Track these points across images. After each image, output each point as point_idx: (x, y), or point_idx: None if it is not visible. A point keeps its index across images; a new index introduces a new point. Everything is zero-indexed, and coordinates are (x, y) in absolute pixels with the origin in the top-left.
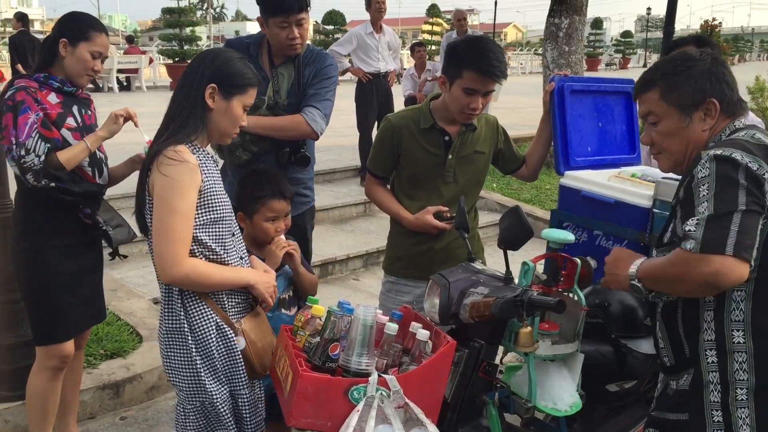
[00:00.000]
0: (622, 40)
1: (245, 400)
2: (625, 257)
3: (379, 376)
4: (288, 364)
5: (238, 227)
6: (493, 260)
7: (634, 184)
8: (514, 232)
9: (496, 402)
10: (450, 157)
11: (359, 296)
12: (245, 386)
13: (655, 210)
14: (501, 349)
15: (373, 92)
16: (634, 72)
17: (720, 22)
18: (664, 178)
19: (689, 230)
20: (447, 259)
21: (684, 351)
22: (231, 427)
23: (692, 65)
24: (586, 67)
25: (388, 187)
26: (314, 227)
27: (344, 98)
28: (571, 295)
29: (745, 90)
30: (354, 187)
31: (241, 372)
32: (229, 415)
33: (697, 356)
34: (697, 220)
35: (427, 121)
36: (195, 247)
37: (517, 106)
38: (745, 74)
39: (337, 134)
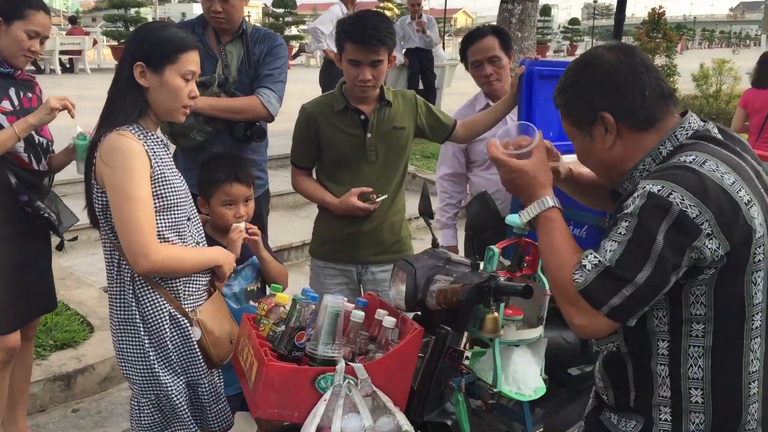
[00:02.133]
0: (570, 27)
1: (205, 389)
2: (529, 177)
3: (346, 364)
4: (252, 354)
5: (195, 211)
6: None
7: None
8: (482, 218)
9: (462, 388)
10: (369, 135)
11: None
12: (204, 375)
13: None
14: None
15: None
16: None
17: (664, 11)
18: None
19: (585, 264)
20: (375, 242)
21: (629, 398)
22: (188, 420)
23: (581, 77)
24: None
25: (314, 175)
26: (269, 213)
27: (297, 82)
28: (534, 280)
29: (689, 77)
30: None
31: (199, 362)
32: (185, 407)
33: (646, 408)
34: (597, 261)
35: (340, 103)
36: None
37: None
38: (688, 62)
39: (291, 119)
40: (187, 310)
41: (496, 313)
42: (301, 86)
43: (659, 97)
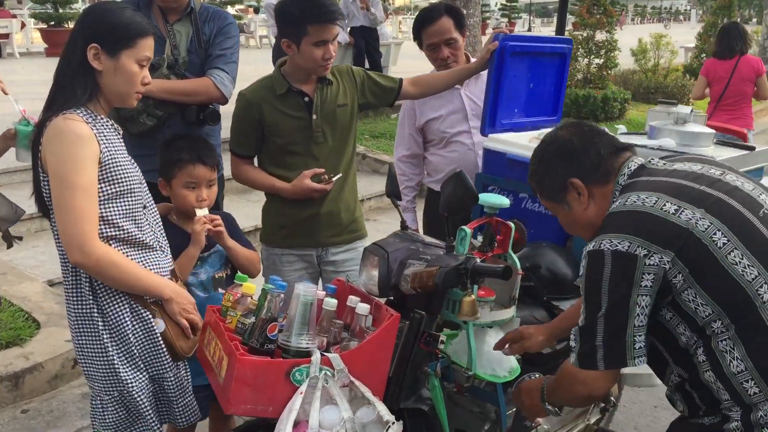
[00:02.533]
0: (507, 4)
1: (171, 383)
2: (532, 388)
3: (321, 355)
4: (221, 348)
5: (151, 199)
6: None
7: None
8: (458, 197)
9: (438, 373)
10: (315, 117)
11: None
12: (169, 369)
13: None
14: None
15: None
16: None
17: None
18: None
19: (571, 344)
20: (332, 223)
21: (701, 413)
22: (150, 419)
23: (543, 157)
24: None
25: (255, 163)
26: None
27: (248, 64)
28: (505, 259)
29: (628, 53)
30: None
31: (163, 355)
32: (147, 405)
33: (720, 417)
34: (575, 332)
35: (281, 87)
36: (102, 227)
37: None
38: (626, 37)
39: None
40: (148, 301)
41: (473, 296)
42: (252, 67)
43: (613, 153)
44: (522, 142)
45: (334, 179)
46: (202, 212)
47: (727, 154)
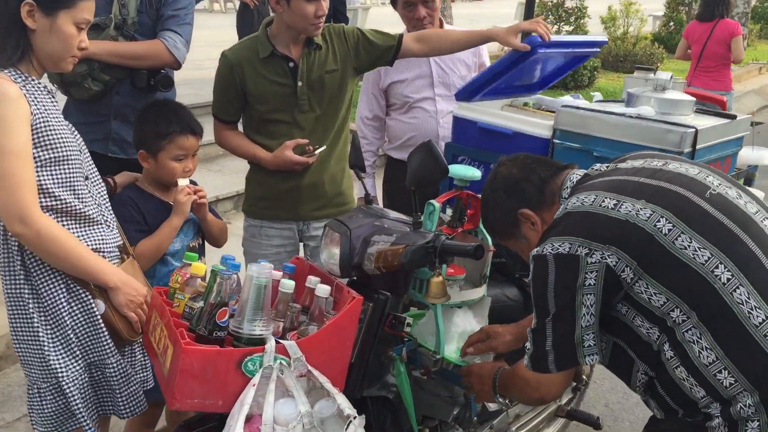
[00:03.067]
0: None
1: (113, 370)
2: (486, 372)
3: (276, 342)
4: (165, 335)
5: (95, 170)
6: None
7: (530, 113)
8: (426, 169)
9: (404, 357)
10: (300, 84)
11: (232, 240)
12: (112, 354)
13: (555, 141)
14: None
15: (259, 21)
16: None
17: None
18: (564, 106)
19: (525, 345)
20: (316, 196)
21: (679, 416)
22: (80, 413)
23: (489, 199)
24: None
25: (240, 128)
26: None
27: (210, 29)
28: (476, 235)
29: (598, 20)
30: None
31: (104, 339)
32: (78, 398)
33: (700, 418)
34: (529, 332)
35: (265, 49)
36: (40, 197)
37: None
38: (594, 4)
39: (197, 66)
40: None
41: (441, 276)
42: (209, 33)
43: (554, 173)
44: (494, 110)
45: (317, 152)
46: (184, 182)
47: (708, 122)
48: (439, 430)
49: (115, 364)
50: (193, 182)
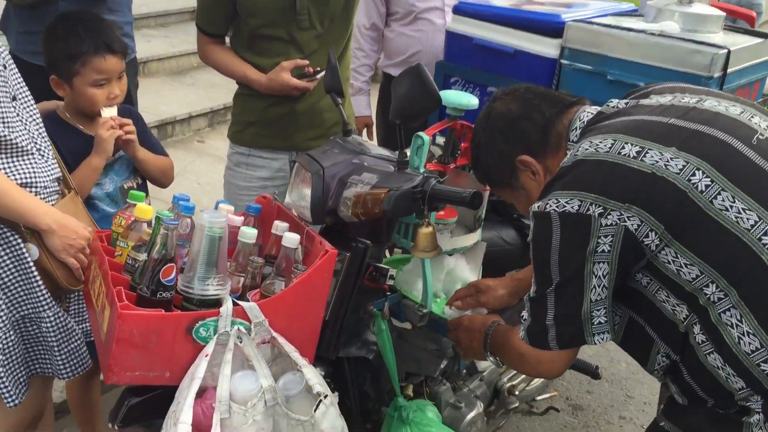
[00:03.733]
0: None
1: (51, 324)
2: (477, 327)
3: (234, 304)
4: (104, 292)
5: (23, 89)
6: None
7: (533, 36)
8: (415, 99)
9: (386, 314)
10: None
11: (205, 161)
12: (48, 306)
13: (563, 61)
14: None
15: None
16: None
17: None
18: (574, 21)
19: (522, 315)
20: (313, 123)
21: (708, 406)
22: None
23: (482, 141)
24: None
25: (228, 43)
26: (145, 82)
27: None
28: (470, 171)
29: None
30: (193, 33)
31: (39, 289)
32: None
33: (735, 411)
34: (527, 303)
35: None
36: None
37: None
38: None
39: None
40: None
41: (431, 227)
42: None
43: (561, 111)
44: (493, 25)
45: (318, 76)
46: (108, 112)
47: (739, 41)
48: (424, 386)
49: (52, 318)
50: (129, 108)
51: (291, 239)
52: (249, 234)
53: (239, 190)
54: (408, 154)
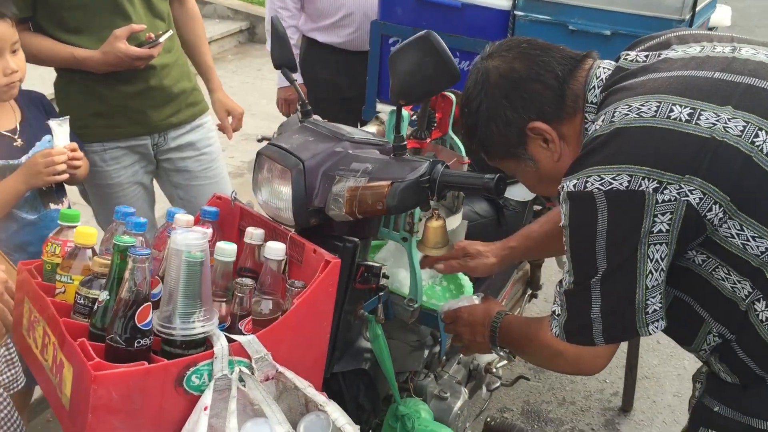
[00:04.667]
0: None
1: None
2: (479, 320)
3: (228, 340)
4: (55, 343)
5: None
6: None
7: None
8: (425, 75)
9: (381, 317)
10: None
11: None
12: None
13: (517, 12)
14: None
15: None
16: None
17: None
18: None
19: (554, 310)
20: (169, 98)
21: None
22: None
23: (480, 107)
24: None
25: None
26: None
27: None
28: (445, 144)
29: None
30: None
31: None
32: None
33: None
34: (560, 296)
35: None
36: None
37: None
38: None
39: None
40: None
41: (441, 219)
42: None
43: (574, 68)
44: None
45: (162, 39)
46: (61, 133)
47: None
48: (409, 382)
49: None
50: (38, 94)
51: (275, 250)
52: (229, 251)
53: (112, 189)
54: (405, 138)
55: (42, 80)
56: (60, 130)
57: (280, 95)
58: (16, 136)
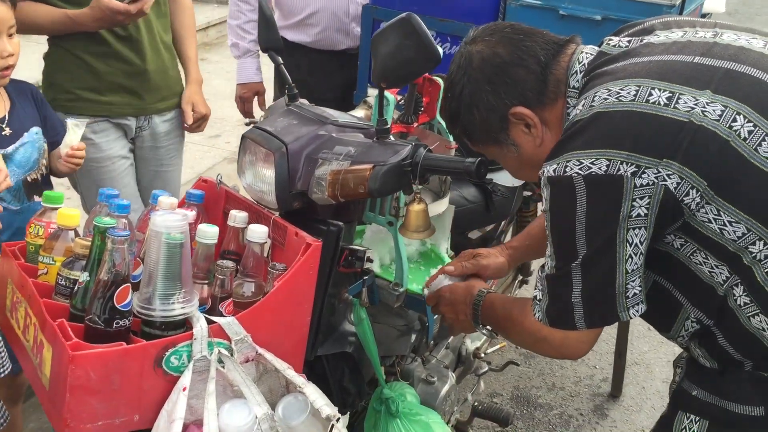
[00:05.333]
0: None
1: None
2: (461, 298)
3: (208, 322)
4: (36, 324)
5: None
6: None
7: None
8: (406, 57)
9: (365, 301)
10: None
11: None
12: None
13: None
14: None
15: None
16: None
17: None
18: None
19: (535, 295)
20: (161, 83)
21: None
22: None
23: (463, 91)
24: None
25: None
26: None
27: None
28: (432, 128)
29: None
30: None
31: None
32: None
33: None
34: (541, 280)
35: None
36: None
37: None
38: None
39: None
40: None
41: (423, 203)
42: None
43: (556, 53)
44: None
45: None
46: (75, 132)
47: None
48: (396, 366)
49: None
50: (25, 85)
51: (258, 233)
52: (210, 233)
53: (102, 164)
54: (388, 122)
55: (29, 68)
56: (76, 129)
57: (239, 92)
58: (4, 125)
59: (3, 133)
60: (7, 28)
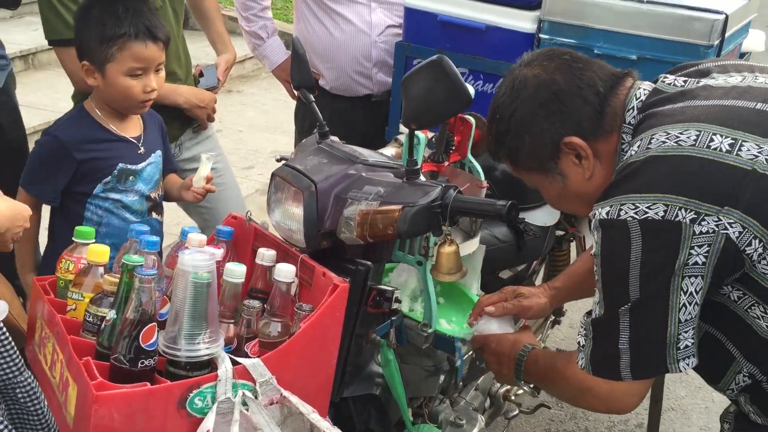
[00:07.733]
0: None
1: (25, 388)
2: (506, 350)
3: (232, 362)
4: (62, 361)
5: None
6: None
7: (507, 9)
8: (437, 99)
9: (393, 342)
10: None
11: None
12: (20, 370)
13: (542, 36)
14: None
15: None
16: None
17: None
18: None
19: (579, 340)
20: (181, 113)
21: None
22: None
23: (515, 115)
24: None
25: None
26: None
27: None
28: (464, 167)
29: None
30: None
31: (10, 351)
32: None
33: None
34: (586, 325)
35: None
36: None
37: None
38: None
39: None
40: None
41: (455, 245)
42: None
43: (614, 85)
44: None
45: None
46: (207, 166)
47: (729, 3)
48: (424, 407)
49: (25, 382)
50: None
51: (285, 272)
52: (237, 272)
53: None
54: (418, 162)
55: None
56: (208, 163)
57: (278, 74)
58: (140, 144)
59: (138, 151)
60: (155, 65)
